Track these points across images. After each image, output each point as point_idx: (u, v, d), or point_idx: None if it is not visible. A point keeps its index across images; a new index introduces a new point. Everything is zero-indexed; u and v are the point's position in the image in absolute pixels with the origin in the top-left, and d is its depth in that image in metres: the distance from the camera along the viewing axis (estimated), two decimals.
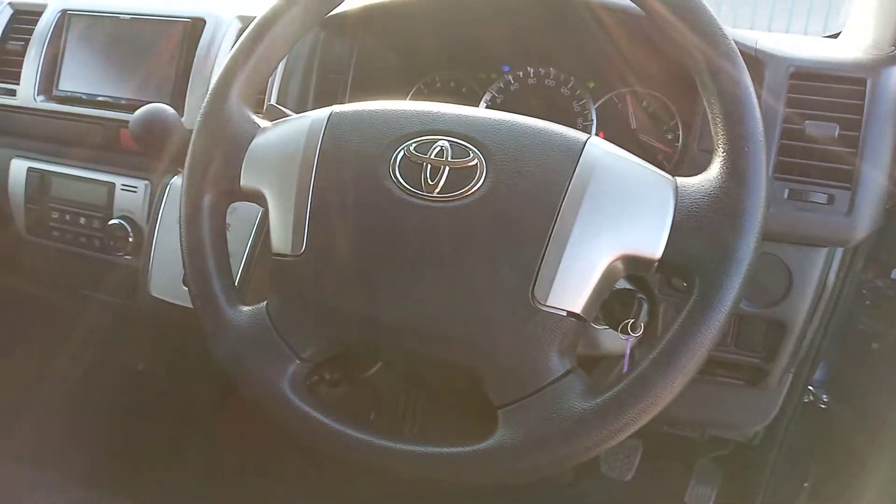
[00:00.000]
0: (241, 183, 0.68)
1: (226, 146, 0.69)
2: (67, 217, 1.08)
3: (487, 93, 1.02)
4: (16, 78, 1.10)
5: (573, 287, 0.57)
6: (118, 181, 1.05)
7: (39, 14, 1.10)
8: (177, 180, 0.98)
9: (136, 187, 1.04)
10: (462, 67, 1.03)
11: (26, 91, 1.09)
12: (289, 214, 0.65)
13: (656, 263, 0.57)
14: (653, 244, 0.57)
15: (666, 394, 0.54)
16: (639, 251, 0.57)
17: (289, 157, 0.66)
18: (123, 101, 1.03)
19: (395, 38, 1.00)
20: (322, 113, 0.68)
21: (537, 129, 0.62)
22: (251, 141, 0.69)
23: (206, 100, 0.72)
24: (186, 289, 0.93)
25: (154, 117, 0.83)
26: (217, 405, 1.27)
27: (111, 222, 1.04)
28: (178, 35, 1.00)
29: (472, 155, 0.61)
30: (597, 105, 0.96)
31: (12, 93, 1.11)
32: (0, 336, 1.37)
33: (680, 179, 0.59)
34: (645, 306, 0.71)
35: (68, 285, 1.17)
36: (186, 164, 0.71)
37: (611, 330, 0.70)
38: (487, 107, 1.01)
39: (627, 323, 0.69)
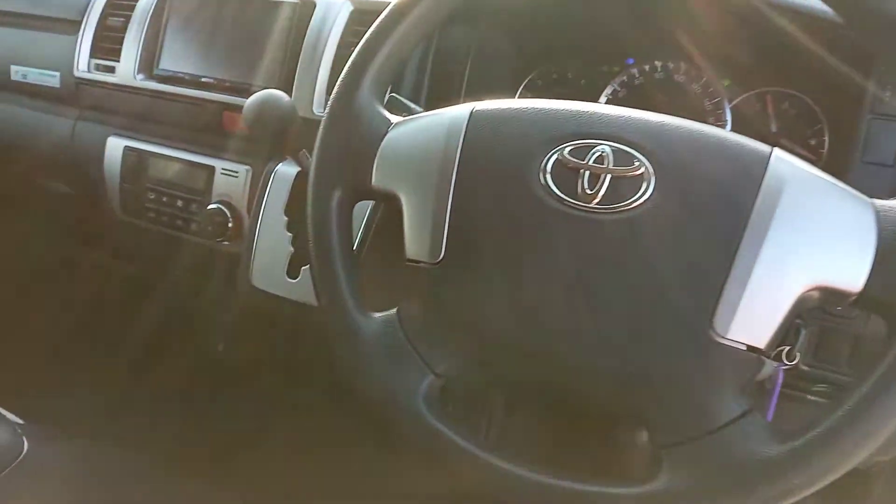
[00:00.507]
0: (373, 182, 0.64)
1: (357, 143, 0.65)
2: (164, 199, 1.06)
3: (609, 87, 0.96)
4: (115, 55, 1.07)
5: (759, 319, 0.51)
6: (218, 165, 1.01)
7: None
8: (282, 167, 0.94)
9: (236, 172, 1.00)
10: (581, 59, 0.97)
11: (126, 69, 1.06)
12: (426, 219, 0.60)
13: (854, 297, 0.51)
14: (852, 275, 0.50)
15: (860, 450, 0.48)
16: (836, 282, 0.51)
17: (426, 157, 0.62)
18: (227, 84, 0.99)
19: (515, 25, 0.94)
20: (461, 110, 0.63)
21: (713, 136, 0.56)
22: (383, 138, 0.65)
23: (335, 92, 0.67)
24: (291, 280, 0.91)
25: (270, 104, 0.79)
26: (307, 399, 1.25)
27: (210, 207, 1.01)
28: (287, 17, 0.96)
29: (637, 163, 0.55)
30: (732, 104, 0.89)
31: (112, 70, 1.08)
32: (87, 310, 1.37)
33: (878, 202, 0.53)
34: (803, 332, 0.65)
35: (160, 266, 1.15)
36: (315, 160, 0.67)
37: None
38: (608, 102, 0.95)
39: (783, 350, 0.62)
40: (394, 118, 0.67)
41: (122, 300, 1.35)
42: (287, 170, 0.94)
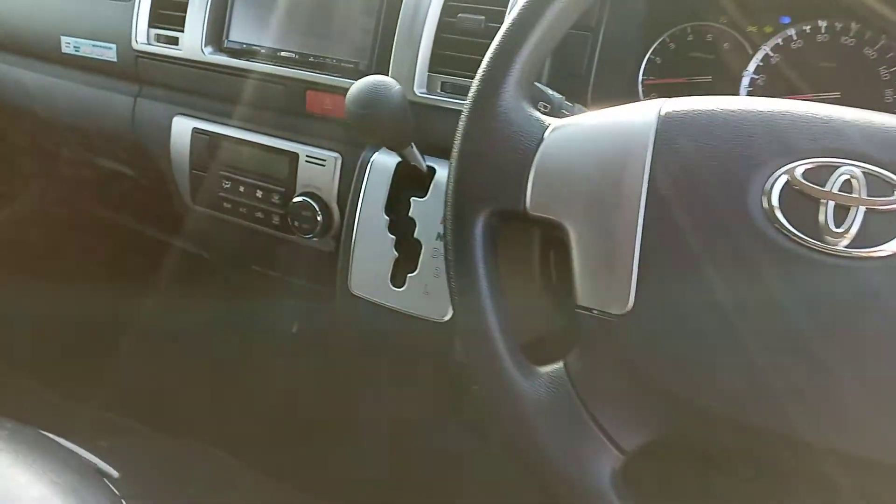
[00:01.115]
0: (528, 206, 0.52)
1: (505, 153, 0.53)
2: (241, 188, 0.95)
3: (760, 51, 0.81)
4: (179, 24, 0.95)
5: None
6: (302, 151, 0.90)
7: None
8: (379, 157, 0.82)
9: (323, 160, 0.89)
10: (725, 16, 0.82)
11: (192, 41, 0.93)
12: (608, 260, 0.48)
13: None
14: None
15: None
16: None
17: (603, 177, 0.50)
18: (311, 59, 0.86)
19: None
20: (644, 113, 0.50)
21: None
22: (538, 147, 0.53)
23: (475, 89, 0.55)
24: (396, 289, 0.80)
25: (380, 93, 0.67)
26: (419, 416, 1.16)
27: (295, 199, 0.90)
28: None
29: None
30: None
31: (175, 41, 0.96)
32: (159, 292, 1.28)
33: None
34: None
35: (238, 259, 1.05)
36: (452, 174, 0.55)
37: None
38: (758, 71, 0.81)
39: None
40: (549, 120, 0.54)
41: (196, 283, 1.26)
42: (385, 160, 0.82)
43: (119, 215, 1.26)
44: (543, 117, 0.55)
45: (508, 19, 0.55)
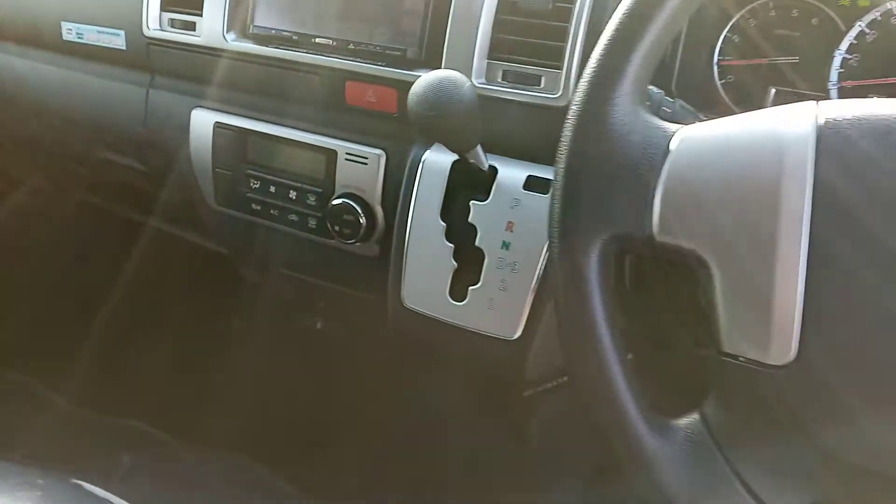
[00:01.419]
0: (656, 232, 0.44)
1: (626, 168, 0.45)
2: (272, 189, 0.86)
3: (854, 27, 0.72)
4: (196, 7, 0.85)
5: None
6: (341, 148, 0.81)
7: None
8: (431, 155, 0.74)
9: (366, 158, 0.80)
10: None
11: (212, 26, 0.84)
12: (761, 299, 0.41)
13: None
14: None
15: None
16: None
17: (749, 198, 0.42)
18: (351, 45, 0.77)
19: None
20: (796, 121, 0.42)
21: None
22: (665, 159, 0.45)
23: (581, 94, 0.47)
24: (456, 303, 0.73)
25: (449, 91, 0.58)
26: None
27: (334, 201, 0.81)
28: None
29: None
30: None
31: (192, 27, 0.86)
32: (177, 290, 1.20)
33: None
34: None
35: (266, 262, 0.97)
36: (559, 196, 0.47)
37: None
38: (850, 50, 0.72)
39: None
40: (674, 127, 0.46)
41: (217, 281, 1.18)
42: (439, 158, 0.74)
43: (131, 211, 1.17)
44: (667, 124, 0.47)
45: (624, 5, 0.46)
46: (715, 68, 0.77)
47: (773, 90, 0.72)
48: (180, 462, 1.07)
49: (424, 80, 0.59)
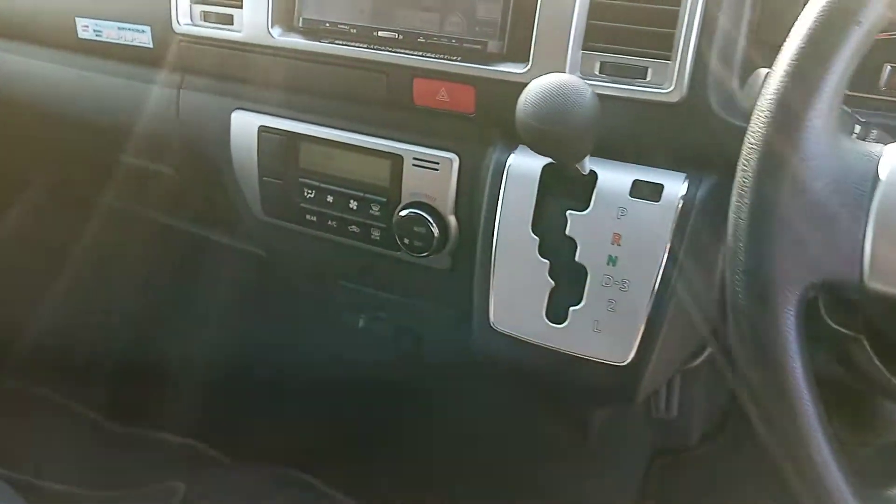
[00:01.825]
0: (866, 277, 0.37)
1: (828, 201, 0.37)
2: (329, 199, 0.78)
3: None
4: None
5: None
6: (408, 153, 0.73)
7: None
8: (517, 159, 0.66)
9: (436, 163, 0.72)
10: None
11: (254, 19, 0.74)
12: None
13: None
14: None
15: None
16: None
17: None
18: (421, 39, 0.68)
19: None
20: None
21: None
22: (875, 189, 0.37)
23: (764, 118, 0.40)
24: (555, 326, 0.65)
25: (570, 100, 0.50)
26: None
27: (402, 213, 0.73)
28: None
29: None
30: None
31: (230, 20, 0.76)
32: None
33: None
34: None
35: (322, 273, 0.89)
36: (744, 237, 0.39)
37: None
38: None
39: None
40: (878, 149, 0.39)
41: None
42: (526, 162, 0.66)
43: (163, 215, 1.08)
44: (870, 146, 0.39)
45: (811, 19, 0.38)
46: None
47: None
48: (235, 482, 1.01)
49: (540, 88, 0.51)
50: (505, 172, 0.66)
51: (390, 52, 0.69)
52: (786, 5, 0.59)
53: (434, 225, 0.73)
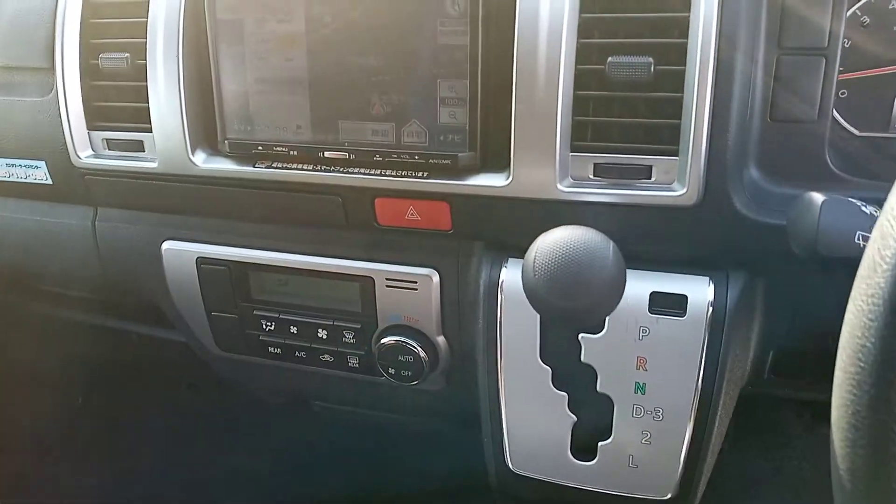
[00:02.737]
0: None
1: None
2: (293, 329, 0.68)
3: None
4: (141, 120, 0.62)
5: None
6: (379, 272, 0.63)
7: None
8: (509, 275, 0.57)
9: (414, 282, 0.62)
10: None
11: (169, 144, 0.61)
12: None
13: None
14: None
15: None
16: None
17: None
18: (378, 156, 0.56)
19: None
20: None
21: None
22: None
23: None
24: (582, 463, 0.57)
25: (595, 272, 0.41)
26: None
27: (384, 340, 0.64)
28: (463, 17, 0.52)
29: None
30: None
31: (139, 147, 0.64)
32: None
33: None
34: None
35: (292, 396, 0.79)
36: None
37: None
38: None
39: None
40: None
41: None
42: (520, 278, 0.56)
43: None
44: None
45: None
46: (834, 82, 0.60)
47: None
48: None
49: (552, 258, 0.41)
50: (500, 292, 0.57)
51: (341, 173, 0.58)
52: (800, 73, 0.50)
53: (421, 349, 0.63)
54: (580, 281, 0.41)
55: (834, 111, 0.51)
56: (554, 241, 0.42)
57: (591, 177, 0.53)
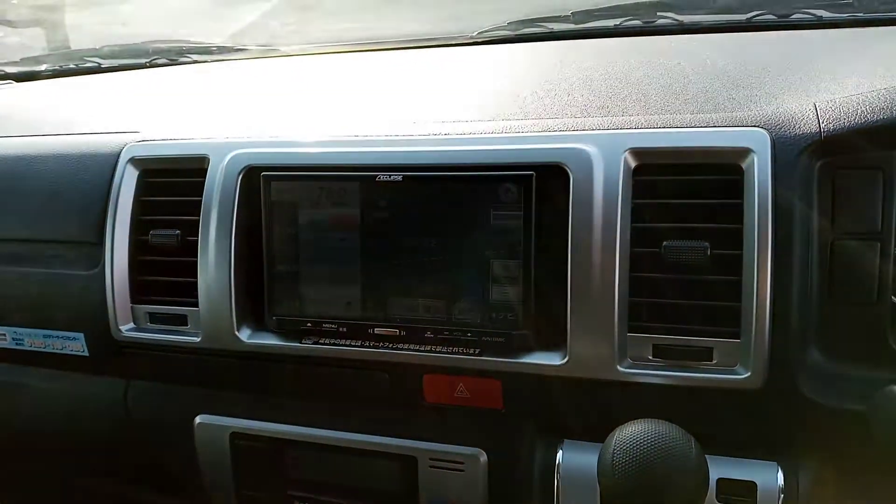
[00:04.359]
0: None
1: None
2: None
3: None
4: (186, 294, 0.62)
5: None
6: (423, 452, 0.60)
7: (199, 172, 0.62)
8: (567, 457, 0.54)
9: (459, 462, 0.59)
10: None
11: (214, 320, 0.61)
12: None
13: None
14: None
15: None
16: None
17: None
18: (429, 334, 0.56)
19: None
20: None
21: None
22: None
23: None
24: None
25: (679, 465, 0.39)
26: None
27: None
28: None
29: None
30: None
31: (182, 321, 0.63)
32: None
33: None
34: None
35: None
36: None
37: None
38: None
39: None
40: None
41: None
42: (580, 462, 0.54)
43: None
44: None
45: None
46: None
47: None
48: None
49: (631, 457, 0.40)
50: (556, 475, 0.54)
51: (391, 349, 0.57)
52: (856, 256, 0.50)
53: None
54: (666, 484, 0.39)
55: (892, 293, 0.51)
56: (634, 437, 0.40)
57: (651, 358, 0.52)
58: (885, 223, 0.49)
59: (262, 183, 0.59)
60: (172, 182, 0.64)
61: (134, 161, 0.65)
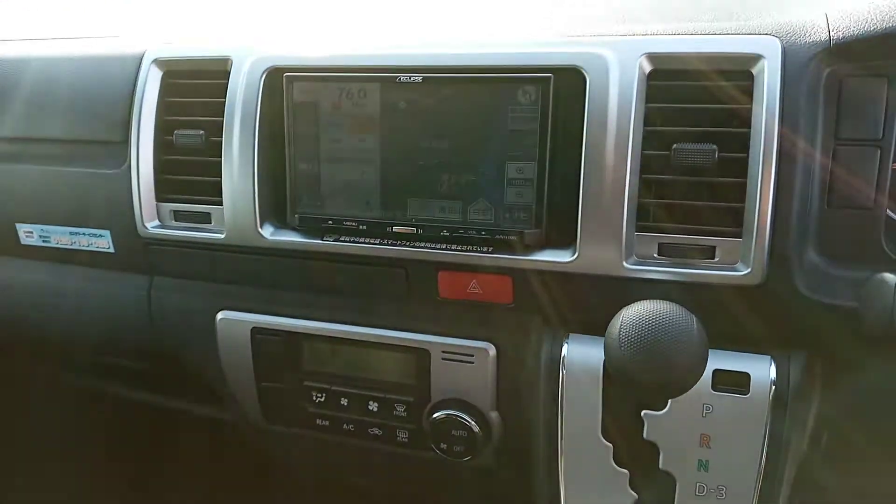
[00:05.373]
0: None
1: None
2: (343, 401, 0.68)
3: None
4: (211, 193, 0.65)
5: None
6: (435, 345, 0.63)
7: (222, 73, 0.64)
8: (572, 350, 0.58)
9: (470, 355, 0.63)
10: None
11: (237, 217, 0.64)
12: None
13: None
14: None
15: None
16: None
17: None
18: (445, 233, 0.59)
19: None
20: None
21: None
22: None
23: None
24: None
25: (682, 348, 0.43)
26: None
27: (437, 415, 0.64)
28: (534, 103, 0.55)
29: None
30: None
31: (206, 219, 0.66)
32: None
33: None
34: None
35: (335, 474, 0.78)
36: None
37: None
38: None
39: None
40: None
41: None
42: (583, 353, 0.58)
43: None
44: None
45: None
46: None
47: None
48: None
49: (641, 331, 0.43)
50: (562, 367, 0.58)
51: (408, 247, 0.60)
52: (856, 162, 0.53)
53: (475, 425, 0.63)
54: (670, 354, 0.42)
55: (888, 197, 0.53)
56: (639, 314, 0.43)
57: (656, 256, 0.55)
58: (887, 130, 0.51)
59: (284, 83, 0.60)
60: (196, 84, 0.65)
61: (158, 62, 0.66)
